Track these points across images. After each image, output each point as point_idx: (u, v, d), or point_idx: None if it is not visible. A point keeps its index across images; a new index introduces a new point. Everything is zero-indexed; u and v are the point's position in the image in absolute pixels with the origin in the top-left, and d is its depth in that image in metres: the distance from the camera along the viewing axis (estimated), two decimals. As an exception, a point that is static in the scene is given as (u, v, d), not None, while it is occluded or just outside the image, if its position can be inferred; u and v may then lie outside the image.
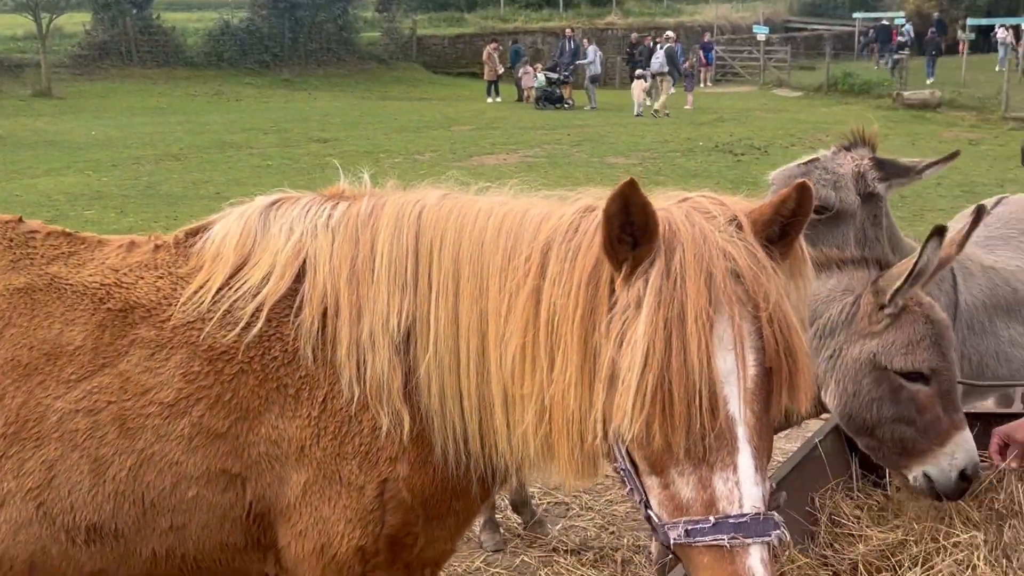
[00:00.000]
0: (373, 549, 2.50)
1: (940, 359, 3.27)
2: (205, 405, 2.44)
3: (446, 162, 17.97)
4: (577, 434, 2.14)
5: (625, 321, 2.00)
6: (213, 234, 2.65)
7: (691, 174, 16.22)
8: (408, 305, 2.44)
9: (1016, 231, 4.93)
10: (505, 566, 4.75)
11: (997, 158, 16.69)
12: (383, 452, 2.44)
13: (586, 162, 17.70)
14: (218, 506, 2.48)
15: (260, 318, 2.48)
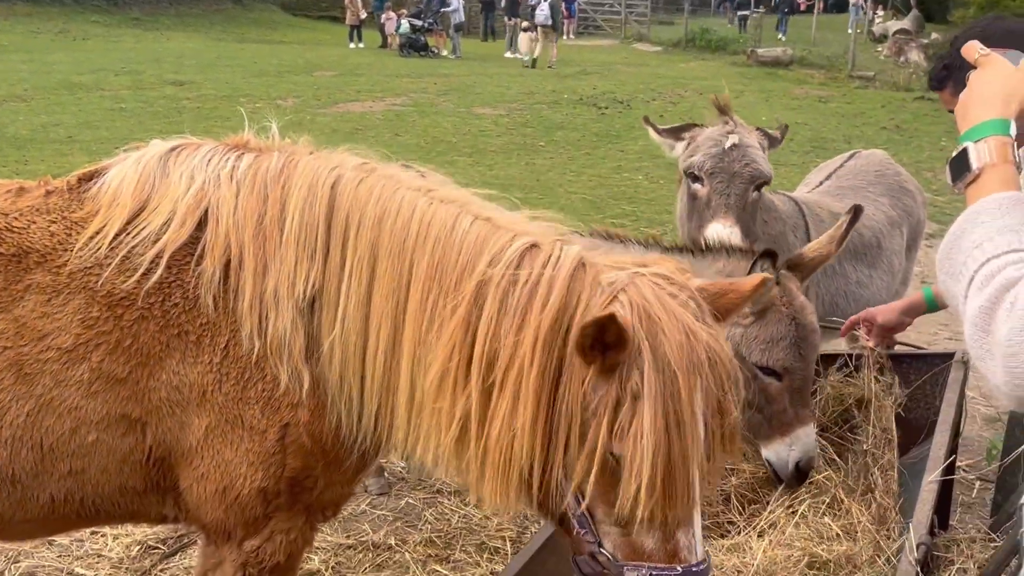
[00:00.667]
0: (275, 491, 2.55)
1: (796, 360, 3.48)
2: (104, 351, 2.43)
3: (310, 108, 17.64)
4: (516, 474, 2.29)
5: (622, 412, 2.15)
6: (108, 179, 2.60)
7: (557, 126, 16.42)
8: (316, 274, 2.47)
9: (865, 182, 5.27)
10: (391, 508, 4.84)
11: (844, 115, 17.50)
12: (285, 398, 2.48)
13: (453, 112, 17.67)
14: (118, 450, 2.48)
15: (160, 265, 2.47)
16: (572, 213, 10.52)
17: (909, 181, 5.54)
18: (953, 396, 3.68)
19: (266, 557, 2.61)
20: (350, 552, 4.43)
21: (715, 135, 4.37)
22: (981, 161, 1.71)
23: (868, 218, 4.95)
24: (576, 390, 2.21)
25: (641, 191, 11.89)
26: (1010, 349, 1.45)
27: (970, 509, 4.70)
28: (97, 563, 4.25)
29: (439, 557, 4.40)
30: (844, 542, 3.30)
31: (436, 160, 13.20)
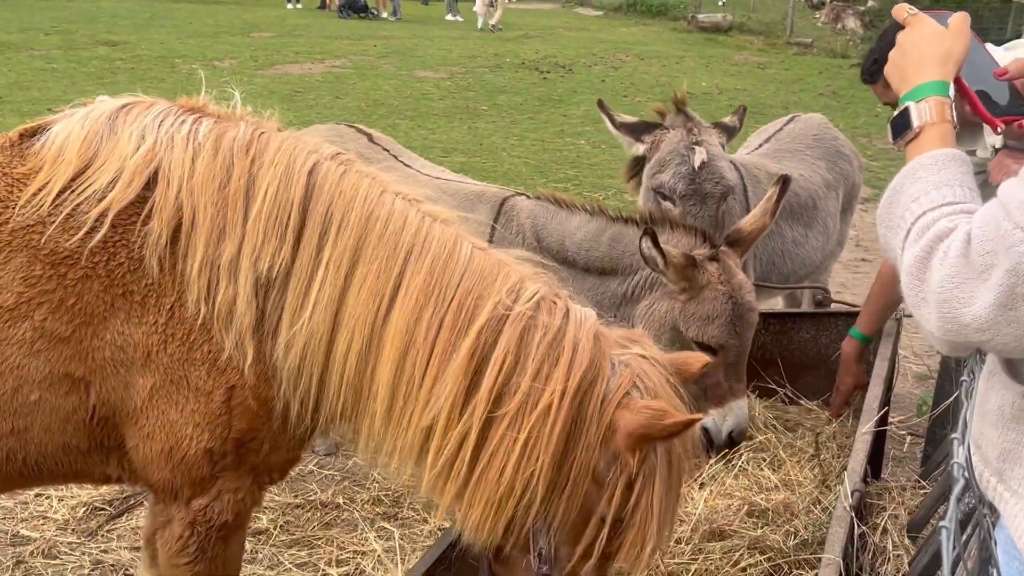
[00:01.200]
0: (221, 451, 2.55)
1: (731, 337, 3.58)
2: (47, 309, 2.40)
3: (248, 70, 17.35)
4: (510, 511, 2.42)
5: (635, 490, 2.42)
6: (53, 135, 2.55)
7: (499, 90, 16.37)
8: (284, 256, 2.46)
9: (803, 145, 5.39)
10: (338, 468, 4.88)
11: (783, 81, 17.71)
12: (231, 361, 2.48)
13: (395, 75, 17.52)
14: (61, 409, 2.47)
15: (105, 223, 2.44)
16: (515, 178, 10.56)
17: (846, 145, 5.67)
18: (886, 351, 3.81)
19: (214, 516, 2.62)
20: (298, 511, 4.46)
21: (680, 148, 4.27)
22: (921, 120, 1.78)
23: (805, 179, 5.07)
24: (588, 456, 2.41)
25: (584, 156, 11.95)
26: (942, 295, 1.52)
27: (901, 463, 4.87)
28: (43, 525, 4.23)
29: (387, 515, 4.45)
30: (782, 491, 3.41)
31: (377, 124, 13.09)
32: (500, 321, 2.41)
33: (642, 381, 2.45)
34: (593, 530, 2.47)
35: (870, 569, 2.84)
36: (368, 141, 4.92)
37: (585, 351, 2.41)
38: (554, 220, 4.11)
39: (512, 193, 4.39)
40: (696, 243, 3.68)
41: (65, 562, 4.00)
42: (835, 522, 2.71)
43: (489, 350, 2.39)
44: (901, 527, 3.06)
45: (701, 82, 17.14)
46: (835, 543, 2.58)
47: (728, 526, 3.25)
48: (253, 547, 4.14)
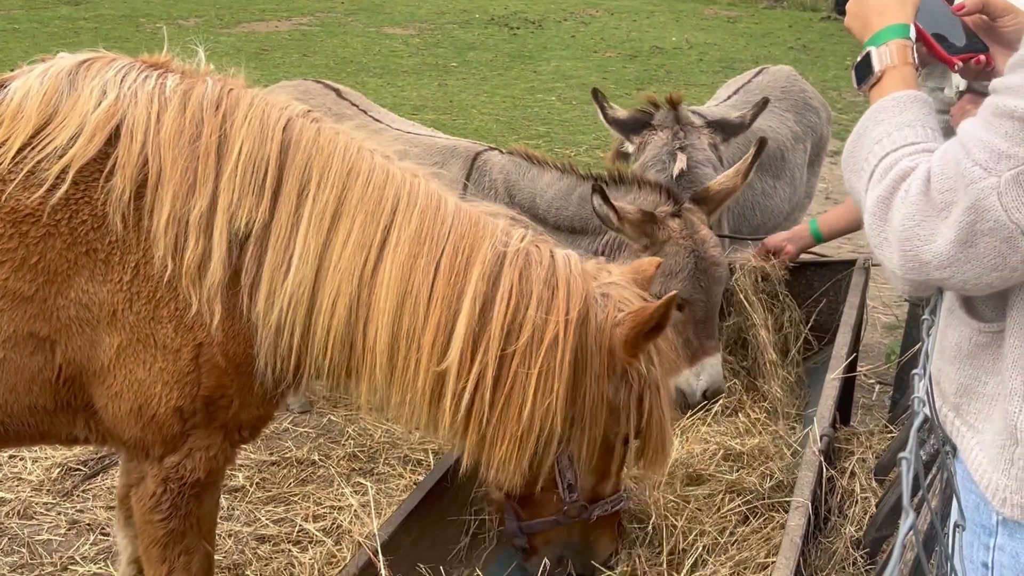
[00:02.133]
0: (191, 409, 2.55)
1: (695, 291, 3.59)
2: (9, 268, 2.38)
3: (214, 28, 17.07)
4: (531, 445, 2.54)
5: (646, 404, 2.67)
6: (11, 92, 2.51)
7: (469, 47, 16.22)
8: (262, 212, 2.46)
9: (772, 97, 5.38)
10: (313, 425, 4.89)
11: (753, 35, 17.62)
12: (198, 318, 2.47)
13: (363, 32, 17.30)
14: (26, 369, 2.45)
15: (66, 180, 2.41)
16: (486, 135, 10.50)
17: (814, 98, 5.68)
18: (855, 299, 3.86)
19: (186, 473, 2.62)
20: (274, 468, 4.47)
21: (663, 154, 4.24)
22: (883, 64, 1.79)
23: (773, 131, 5.09)
24: (599, 386, 2.57)
25: (555, 112, 11.89)
26: (904, 234, 1.54)
27: (870, 411, 4.94)
28: (17, 486, 4.22)
29: (363, 470, 4.48)
30: (756, 436, 3.46)
31: (346, 81, 12.92)
32: (499, 259, 2.50)
33: (624, 306, 2.62)
34: (619, 452, 2.74)
35: (839, 511, 2.90)
36: (337, 96, 4.88)
37: (577, 283, 2.55)
38: (525, 177, 4.10)
39: (485, 148, 4.37)
40: (661, 200, 3.69)
41: (41, 522, 4.00)
42: (804, 466, 2.75)
43: (493, 288, 2.48)
44: (869, 470, 3.12)
45: (671, 36, 17.05)
46: (804, 487, 2.63)
47: (705, 470, 3.30)
48: (230, 504, 4.15)
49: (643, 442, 2.71)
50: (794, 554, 2.38)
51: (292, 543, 3.91)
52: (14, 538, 3.89)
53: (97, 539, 3.88)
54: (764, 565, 2.75)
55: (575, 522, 2.87)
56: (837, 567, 2.88)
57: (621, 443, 2.73)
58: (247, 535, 3.95)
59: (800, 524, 2.47)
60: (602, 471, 2.80)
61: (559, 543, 2.95)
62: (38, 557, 3.78)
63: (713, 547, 2.98)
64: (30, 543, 3.85)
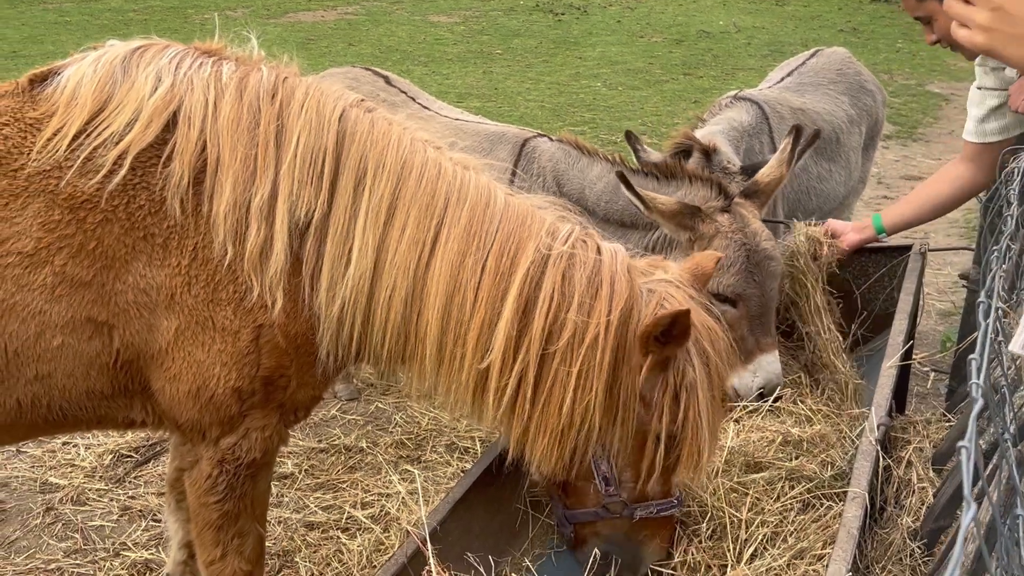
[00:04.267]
0: (249, 390, 2.57)
1: (748, 285, 3.49)
2: (67, 254, 2.40)
3: (260, 19, 17.18)
4: (571, 440, 2.60)
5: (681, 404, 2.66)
6: (64, 79, 2.54)
7: (514, 33, 16.17)
8: (321, 202, 2.49)
9: (826, 80, 5.29)
10: (361, 413, 4.90)
11: (802, 18, 17.37)
12: (258, 301, 2.49)
13: (408, 20, 17.31)
14: (84, 354, 2.47)
15: (124, 166, 2.43)
16: (531, 122, 10.45)
17: (870, 81, 5.57)
18: (911, 285, 3.77)
19: (242, 454, 2.65)
20: (323, 455, 4.49)
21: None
22: None
23: (828, 114, 4.99)
24: (632, 380, 2.60)
25: (600, 98, 11.81)
26: None
27: (924, 399, 4.84)
28: (71, 472, 4.28)
29: (410, 458, 4.48)
30: (816, 423, 3.40)
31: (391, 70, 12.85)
32: (543, 262, 2.55)
33: (667, 303, 2.62)
34: (651, 449, 2.72)
35: (895, 502, 2.83)
36: (385, 83, 4.87)
37: (621, 283, 2.57)
38: (575, 167, 4.06)
39: (533, 134, 4.33)
40: (711, 195, 3.62)
41: (94, 508, 4.05)
42: (860, 456, 2.70)
43: (535, 291, 2.53)
44: (926, 460, 3.05)
45: (718, 20, 16.86)
46: (860, 477, 2.57)
47: (763, 458, 3.24)
48: (279, 491, 4.18)
49: (678, 442, 2.70)
50: (851, 545, 2.33)
51: (341, 530, 3.92)
52: (68, 524, 3.94)
53: (149, 525, 3.92)
54: (821, 556, 2.71)
55: (617, 518, 2.88)
56: (894, 558, 2.82)
57: (653, 441, 2.71)
58: (296, 522, 3.97)
59: (857, 515, 2.42)
60: (636, 467, 2.79)
61: (605, 537, 2.96)
62: (91, 543, 3.82)
63: (774, 536, 2.93)
64: (83, 528, 3.91)
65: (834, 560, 2.30)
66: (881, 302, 4.20)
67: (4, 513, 4.01)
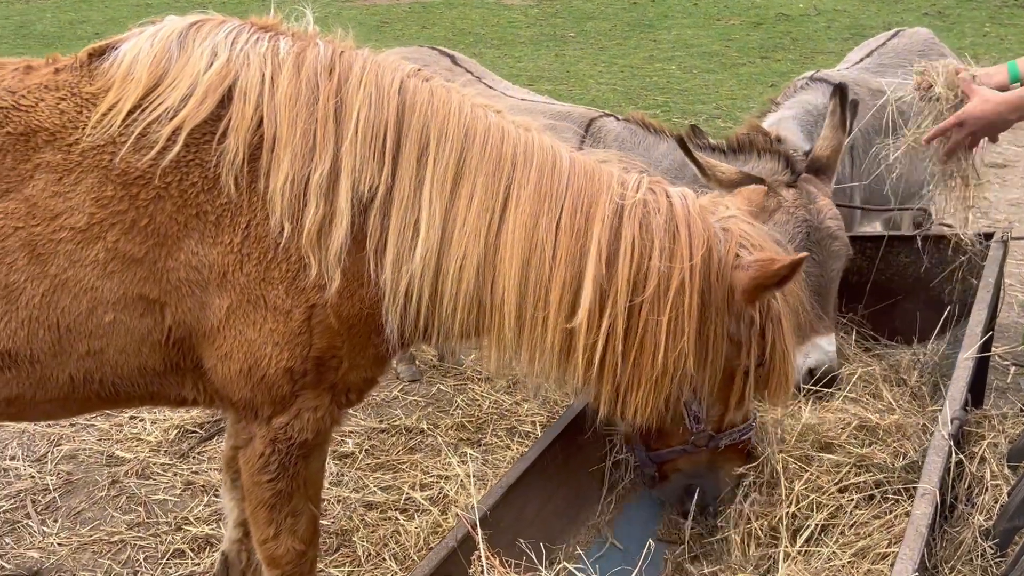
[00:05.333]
0: (301, 370, 2.54)
1: (808, 263, 3.29)
2: (120, 230, 2.40)
3: (336, 3, 17.31)
4: (666, 386, 2.57)
5: (768, 337, 2.72)
6: (121, 54, 2.53)
7: (588, 16, 16.02)
8: (385, 176, 2.45)
9: (907, 61, 5.08)
10: (422, 394, 4.89)
11: (885, 1, 16.88)
12: (311, 279, 2.45)
13: (482, 3, 17.26)
14: (136, 331, 2.47)
15: (177, 142, 2.42)
16: (603, 105, 10.33)
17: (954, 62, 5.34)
18: (991, 276, 3.61)
19: (295, 434, 2.63)
20: (383, 436, 4.49)
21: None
22: None
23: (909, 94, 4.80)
24: (721, 321, 2.59)
25: (674, 81, 11.63)
26: None
27: (1003, 394, 4.65)
28: (136, 446, 4.35)
29: (470, 440, 4.46)
30: (897, 412, 3.28)
31: (464, 53, 12.87)
32: (618, 213, 2.52)
33: (745, 239, 2.64)
34: (739, 383, 2.77)
35: (966, 499, 2.71)
36: (451, 63, 4.84)
37: (697, 225, 2.56)
38: (641, 146, 3.98)
39: (600, 114, 4.26)
40: (779, 168, 3.50)
41: (158, 482, 4.11)
42: (932, 450, 2.58)
43: (616, 242, 2.49)
44: (1000, 456, 2.91)
45: (798, 3, 16.48)
46: (932, 472, 2.46)
47: (835, 439, 3.13)
48: (339, 470, 4.19)
49: (767, 372, 2.76)
50: (919, 544, 2.23)
51: (399, 511, 3.92)
52: (132, 496, 4.01)
53: (210, 500, 3.96)
54: (885, 555, 2.60)
55: (702, 451, 2.99)
56: (964, 558, 2.70)
57: (742, 374, 2.77)
58: (355, 501, 3.97)
59: (927, 513, 2.31)
60: (725, 401, 2.84)
61: (687, 470, 3.07)
62: (154, 516, 3.88)
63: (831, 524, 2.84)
64: (147, 502, 3.96)
65: (900, 559, 2.19)
66: (960, 292, 4.02)
67: (71, 485, 4.09)
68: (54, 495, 4.01)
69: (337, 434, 4.44)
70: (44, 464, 4.20)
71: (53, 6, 16.74)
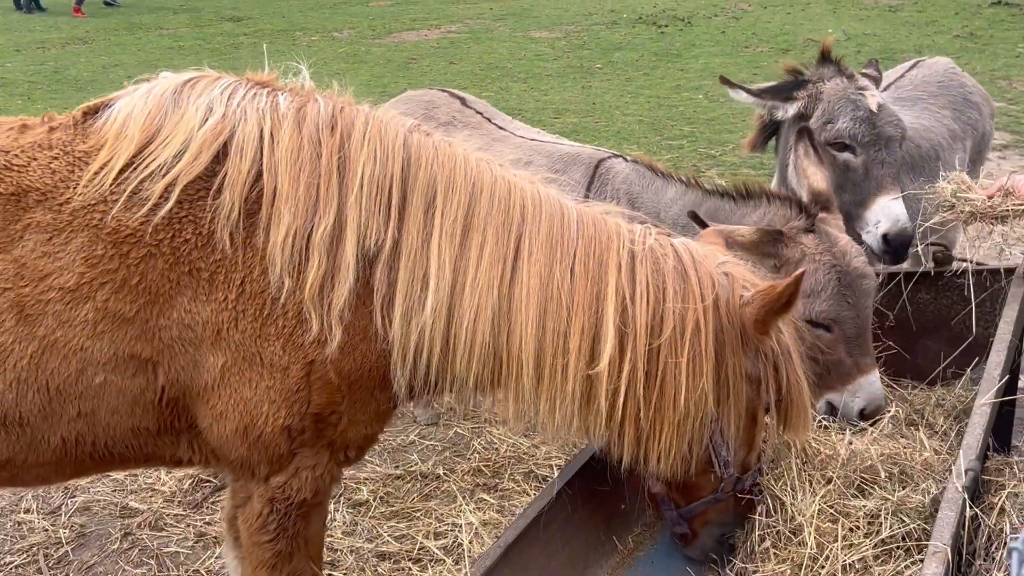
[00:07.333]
0: (299, 427, 2.51)
1: (843, 308, 3.29)
2: (110, 289, 2.38)
3: (365, 40, 17.49)
4: (689, 429, 2.58)
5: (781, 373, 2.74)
6: (115, 111, 2.54)
7: (615, 47, 16.02)
8: (390, 232, 2.45)
9: (927, 93, 5.01)
10: (439, 438, 4.84)
11: (915, 24, 16.73)
12: (309, 335, 2.42)
13: (509, 37, 17.35)
14: (128, 391, 2.44)
15: (170, 198, 2.40)
16: (628, 136, 10.31)
17: (975, 92, 5.23)
18: (1012, 312, 3.49)
19: (293, 493, 2.60)
20: (398, 482, 4.45)
21: (848, 94, 4.00)
22: None
23: (927, 130, 4.73)
24: (737, 359, 2.61)
25: (700, 111, 11.56)
26: None
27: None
28: (151, 497, 4.34)
29: (487, 486, 4.40)
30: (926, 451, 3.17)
31: (491, 87, 13.00)
32: (631, 258, 2.55)
33: (746, 281, 2.70)
34: (761, 421, 2.81)
35: (984, 554, 2.60)
36: (462, 104, 4.82)
37: (703, 269, 2.61)
38: (649, 189, 3.94)
39: (608, 155, 4.21)
40: (792, 214, 3.41)
41: (170, 534, 4.09)
42: (945, 504, 2.47)
43: (632, 286, 2.52)
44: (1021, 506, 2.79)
45: (827, 29, 16.36)
46: (943, 529, 2.36)
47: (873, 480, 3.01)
48: (353, 519, 4.15)
49: (785, 407, 2.78)
50: (931, 605, 2.13)
51: (412, 560, 3.86)
52: (144, 549, 3.99)
53: (222, 552, 3.91)
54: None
55: (729, 497, 2.94)
56: (984, 614, 2.59)
57: (763, 412, 2.79)
58: (368, 552, 3.92)
59: (938, 572, 2.21)
60: (749, 442, 2.86)
61: (716, 522, 3.02)
62: (165, 569, 3.85)
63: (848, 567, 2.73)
64: (159, 555, 3.94)
65: (911, 620, 2.10)
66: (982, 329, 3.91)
67: (84, 538, 4.08)
68: (66, 548, 4.00)
69: (352, 481, 4.40)
70: (58, 517, 4.20)
71: (87, 51, 17.05)
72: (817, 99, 4.05)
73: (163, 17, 21.25)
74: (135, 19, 20.86)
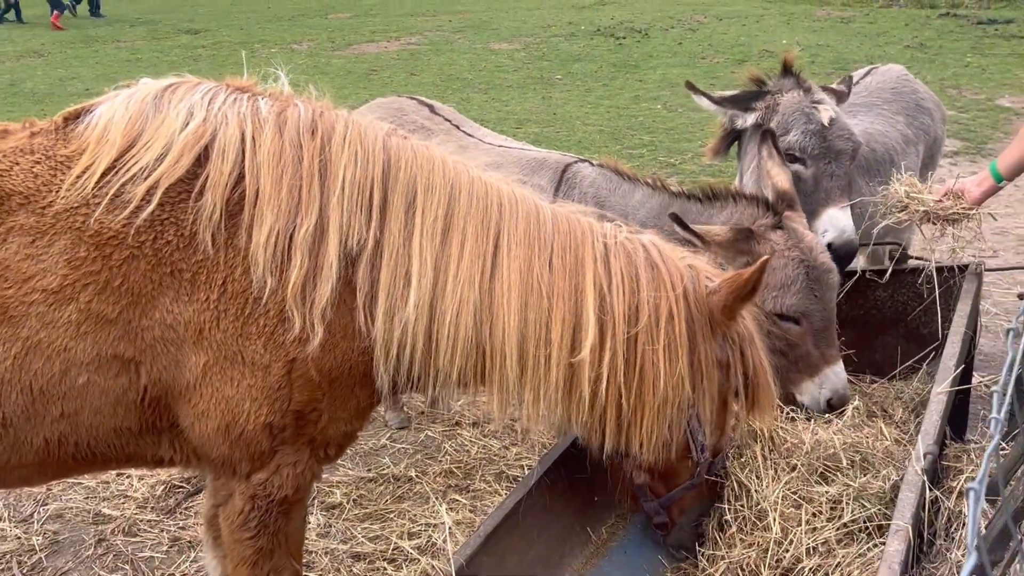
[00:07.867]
0: (280, 425, 2.55)
1: (811, 302, 3.43)
2: (93, 291, 2.41)
3: (324, 52, 17.51)
4: (669, 414, 2.69)
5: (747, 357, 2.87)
6: (96, 116, 2.57)
7: (574, 58, 16.19)
8: (371, 232, 2.51)
9: (880, 100, 5.15)
10: (410, 442, 4.89)
11: (867, 35, 17.08)
12: (290, 333, 2.47)
13: (469, 49, 17.47)
14: (111, 391, 2.47)
15: (152, 201, 2.44)
16: (589, 146, 10.43)
17: (927, 99, 5.39)
18: (966, 307, 3.63)
19: (274, 490, 2.63)
20: (371, 485, 4.49)
21: (802, 107, 4.09)
22: None
23: (882, 135, 4.86)
24: (708, 345, 2.73)
25: (659, 120, 11.73)
26: None
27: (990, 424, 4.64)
28: (123, 503, 4.34)
29: (459, 487, 4.45)
30: (887, 440, 3.29)
31: (451, 98, 13.08)
32: (605, 252, 2.66)
33: (708, 272, 2.83)
34: (732, 404, 2.93)
35: (944, 534, 2.71)
36: (430, 112, 4.88)
37: (671, 261, 2.74)
38: (617, 192, 4.02)
39: (574, 159, 4.30)
40: (759, 212, 3.54)
41: (144, 539, 4.10)
42: (905, 487, 2.59)
43: (608, 277, 2.63)
44: (979, 491, 2.90)
45: (781, 39, 16.67)
46: (904, 509, 2.47)
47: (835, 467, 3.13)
48: (327, 521, 4.18)
49: (752, 389, 2.90)
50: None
51: (387, 560, 3.90)
52: (119, 555, 3.99)
53: (197, 556, 3.94)
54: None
55: (703, 482, 3.08)
56: (944, 593, 2.70)
57: (732, 396, 2.90)
58: (343, 553, 3.96)
59: (899, 550, 2.31)
60: (722, 425, 2.97)
61: (691, 508, 3.17)
62: (140, 574, 3.86)
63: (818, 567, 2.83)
64: (133, 560, 3.95)
65: (875, 597, 2.20)
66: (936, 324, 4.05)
67: (58, 545, 4.08)
68: (40, 555, 3.99)
69: (324, 484, 4.44)
70: (30, 524, 4.19)
71: (43, 64, 16.91)
72: (774, 110, 4.15)
73: (120, 30, 21.13)
74: (91, 32, 20.73)
